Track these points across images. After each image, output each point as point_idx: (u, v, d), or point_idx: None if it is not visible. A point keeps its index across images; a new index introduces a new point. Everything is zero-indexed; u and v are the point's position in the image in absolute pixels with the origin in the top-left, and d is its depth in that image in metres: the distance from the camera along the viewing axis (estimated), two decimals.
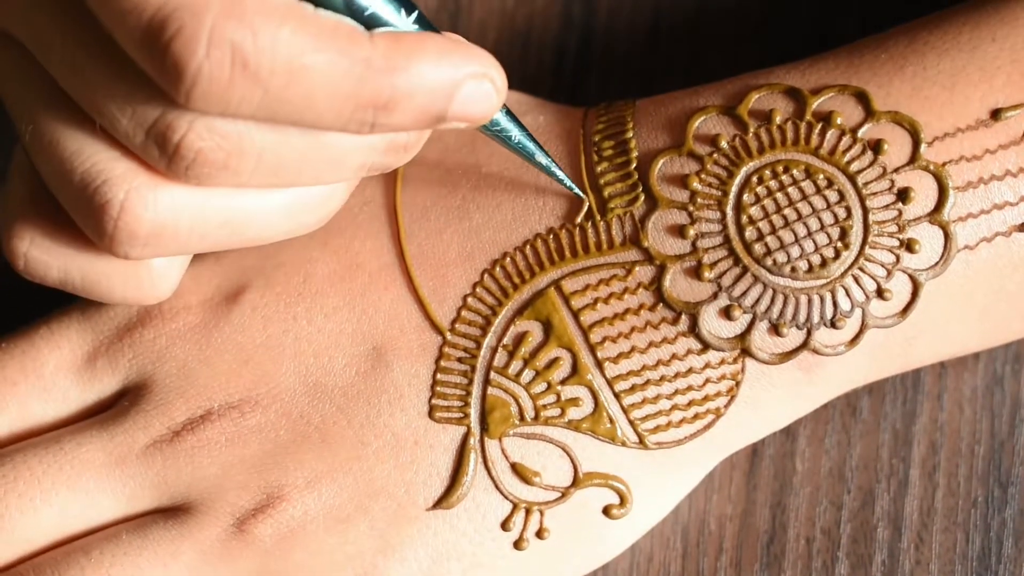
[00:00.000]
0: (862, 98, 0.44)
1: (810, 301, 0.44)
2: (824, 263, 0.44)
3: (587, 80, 0.51)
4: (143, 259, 0.40)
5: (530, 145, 0.43)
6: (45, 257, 0.41)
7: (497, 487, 0.44)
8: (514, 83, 0.50)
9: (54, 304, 0.47)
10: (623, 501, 0.45)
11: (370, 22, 0.38)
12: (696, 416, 0.44)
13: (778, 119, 0.44)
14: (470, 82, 0.38)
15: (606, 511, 0.45)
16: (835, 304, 0.44)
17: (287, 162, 0.39)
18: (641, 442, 0.44)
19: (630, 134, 0.45)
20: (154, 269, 0.41)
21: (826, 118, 0.44)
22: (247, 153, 0.38)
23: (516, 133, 0.43)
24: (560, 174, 0.44)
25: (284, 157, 0.38)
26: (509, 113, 0.43)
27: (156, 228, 0.39)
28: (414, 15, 0.39)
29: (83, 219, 0.39)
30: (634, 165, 0.45)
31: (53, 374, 0.45)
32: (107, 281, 0.41)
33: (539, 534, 0.44)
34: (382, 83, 0.37)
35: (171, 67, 0.36)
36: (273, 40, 0.36)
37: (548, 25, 0.52)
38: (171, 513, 0.44)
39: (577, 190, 0.45)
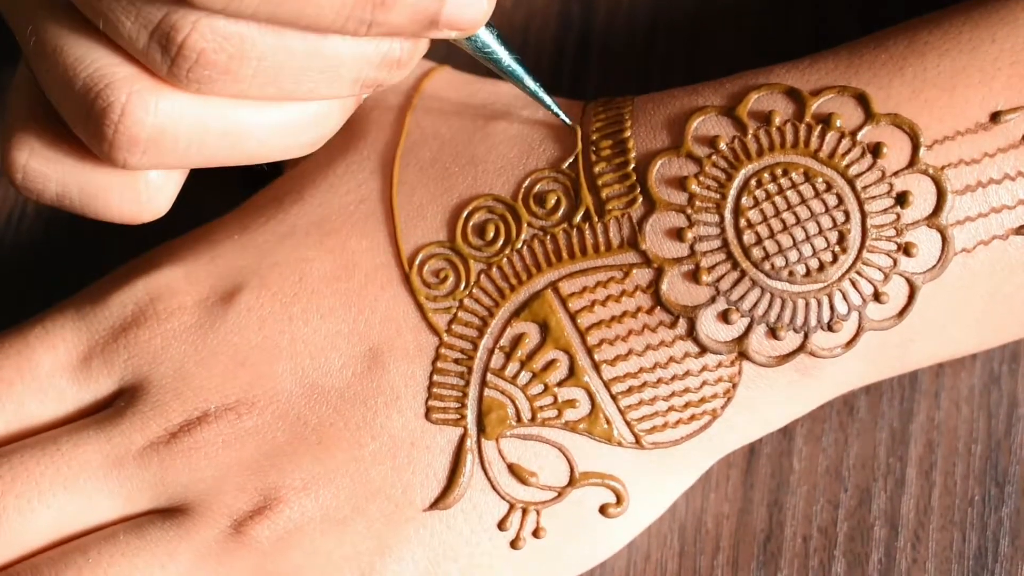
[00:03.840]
0: (862, 100, 0.44)
1: (807, 305, 0.44)
2: (822, 267, 0.44)
3: (586, 78, 0.51)
4: (141, 168, 0.40)
5: (519, 70, 0.44)
6: (44, 169, 0.41)
7: (494, 487, 0.44)
8: None
9: (48, 301, 0.47)
10: (619, 500, 0.45)
11: None
12: (692, 417, 0.44)
13: (777, 121, 0.44)
14: None
15: (603, 510, 0.45)
16: (832, 308, 0.44)
17: (286, 69, 0.39)
18: (637, 442, 0.44)
19: (628, 133, 0.45)
20: (151, 183, 0.41)
21: (826, 120, 0.44)
22: (248, 57, 0.38)
23: (506, 57, 0.43)
24: (548, 100, 0.45)
25: (283, 63, 0.39)
26: (500, 38, 0.43)
27: (156, 133, 0.39)
28: None
29: (84, 125, 0.39)
30: (632, 166, 0.45)
31: (49, 374, 0.45)
32: (104, 195, 0.41)
33: (536, 533, 0.44)
34: None
35: None
36: None
37: (547, 24, 0.51)
38: (168, 514, 0.44)
39: (564, 117, 0.45)
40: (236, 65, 0.38)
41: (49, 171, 0.41)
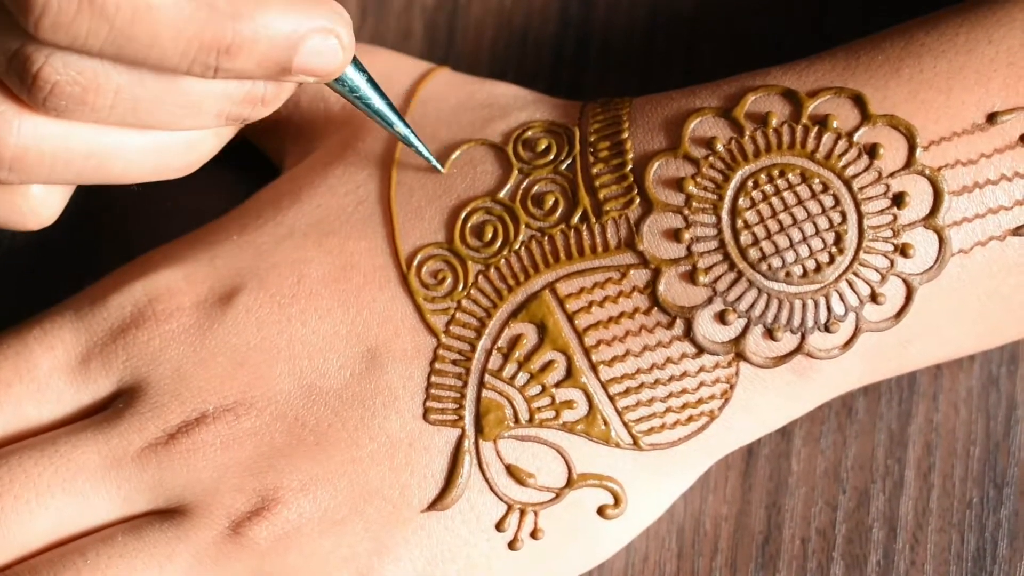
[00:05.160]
0: (858, 101, 0.44)
1: (804, 305, 0.44)
2: (819, 268, 0.44)
3: (584, 78, 0.51)
4: (11, 183, 0.41)
5: (390, 114, 0.44)
6: None
7: (492, 488, 0.44)
8: (511, 80, 0.50)
9: (47, 301, 0.47)
10: (617, 501, 0.45)
11: None
12: (690, 418, 0.44)
13: (774, 122, 0.44)
14: (315, 36, 0.39)
15: (601, 511, 0.45)
16: (829, 308, 0.44)
17: (144, 103, 0.40)
18: (635, 443, 0.44)
19: (626, 135, 0.45)
20: (32, 196, 0.42)
21: (822, 121, 0.44)
22: (103, 90, 0.39)
23: (376, 100, 0.43)
24: (420, 146, 0.45)
25: (140, 97, 0.40)
26: (370, 80, 0.43)
27: (20, 152, 0.40)
28: None
29: None
30: (629, 167, 0.45)
31: (47, 376, 0.45)
32: None
33: (534, 535, 0.44)
34: (224, 27, 0.38)
35: None
36: None
37: (546, 23, 0.51)
38: (167, 515, 0.44)
39: (436, 163, 0.45)
40: (92, 97, 0.39)
41: None
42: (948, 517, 0.47)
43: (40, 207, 0.42)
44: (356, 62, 0.43)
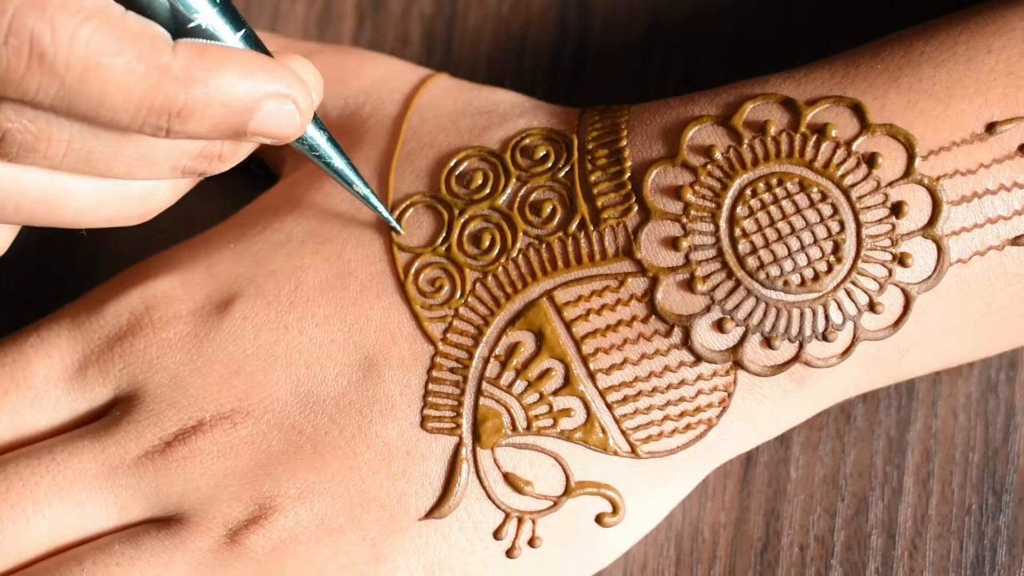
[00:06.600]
0: (857, 110, 0.44)
1: (802, 314, 0.44)
2: (817, 277, 0.43)
3: (582, 85, 0.51)
4: None
5: (350, 173, 0.43)
6: None
7: (489, 496, 0.44)
8: (509, 86, 0.50)
9: (46, 305, 0.47)
10: (615, 509, 0.45)
11: (196, 34, 0.39)
12: (688, 426, 0.44)
13: (772, 131, 0.44)
14: (271, 101, 0.39)
15: (599, 520, 0.45)
16: (827, 317, 0.43)
17: (97, 154, 0.40)
18: (633, 451, 0.44)
19: (624, 143, 0.45)
20: None
21: (821, 130, 0.44)
22: (55, 140, 0.39)
23: (337, 160, 0.43)
24: (379, 206, 0.44)
25: (93, 149, 0.39)
26: (331, 140, 0.43)
27: None
28: (242, 32, 0.40)
29: None
30: (628, 175, 0.45)
31: (44, 383, 0.45)
32: None
33: (531, 543, 0.44)
34: (176, 91, 0.38)
35: None
36: (72, 36, 0.37)
37: (544, 30, 0.51)
38: (164, 523, 0.44)
39: (394, 223, 0.45)
40: (44, 146, 0.39)
41: None
42: (947, 524, 0.47)
43: None
44: (317, 120, 0.42)
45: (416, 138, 0.47)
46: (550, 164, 0.45)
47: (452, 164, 0.46)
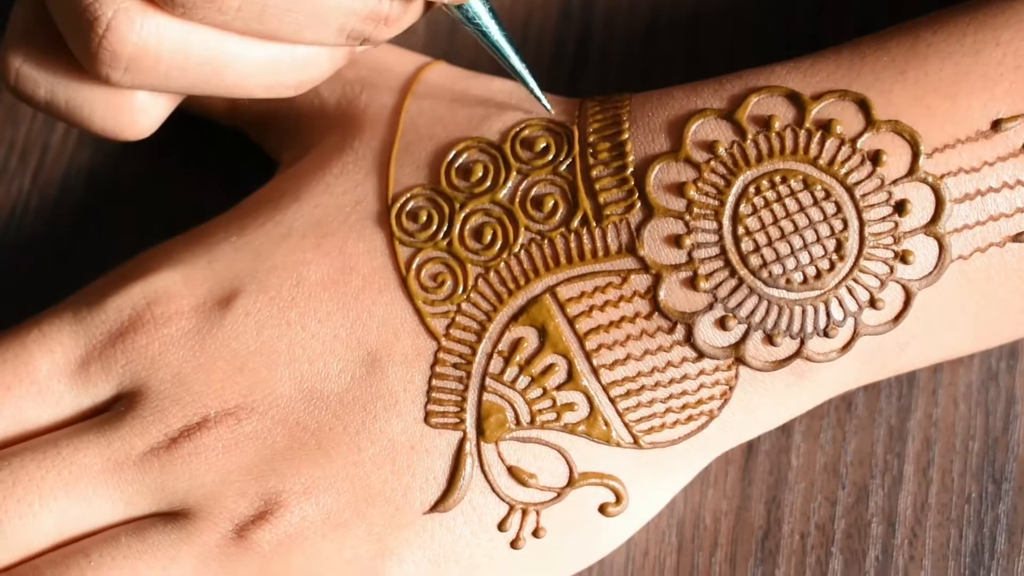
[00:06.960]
0: (863, 105, 0.44)
1: (804, 312, 0.44)
2: (819, 275, 0.43)
3: (585, 73, 0.51)
4: (123, 86, 0.41)
5: (506, 47, 0.43)
6: (35, 75, 0.42)
7: (493, 489, 0.44)
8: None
9: (48, 300, 0.47)
10: (619, 499, 0.45)
11: None
12: (690, 418, 0.45)
13: (777, 126, 0.44)
14: None
15: (602, 509, 0.45)
16: (828, 314, 0.43)
17: (271, 7, 0.39)
18: (636, 442, 0.44)
19: (626, 136, 0.45)
20: (136, 102, 0.42)
21: (826, 126, 0.44)
22: None
23: (495, 32, 0.43)
24: (532, 83, 0.44)
25: (268, 4, 0.39)
26: (493, 12, 0.43)
27: (138, 52, 0.40)
28: None
29: (72, 36, 0.40)
30: (630, 170, 0.44)
31: (47, 378, 0.45)
32: (89, 107, 0.42)
33: (535, 533, 0.45)
34: None
35: None
36: None
37: (547, 18, 0.51)
38: (170, 517, 0.44)
39: (545, 103, 0.45)
40: None
41: (40, 77, 0.42)
42: (947, 512, 0.47)
43: (142, 116, 0.42)
44: None
45: (415, 129, 0.46)
46: (551, 157, 0.45)
47: (451, 156, 0.46)
